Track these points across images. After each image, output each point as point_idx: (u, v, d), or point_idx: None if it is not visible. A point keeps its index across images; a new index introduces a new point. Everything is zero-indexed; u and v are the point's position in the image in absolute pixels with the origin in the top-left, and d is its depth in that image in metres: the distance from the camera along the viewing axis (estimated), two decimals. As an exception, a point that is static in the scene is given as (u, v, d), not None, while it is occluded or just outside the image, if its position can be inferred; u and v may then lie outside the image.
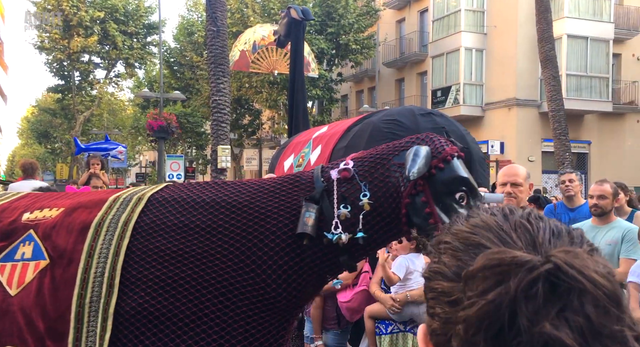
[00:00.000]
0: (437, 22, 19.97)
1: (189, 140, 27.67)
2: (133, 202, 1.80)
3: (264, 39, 15.76)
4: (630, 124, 18.70)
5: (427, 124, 4.37)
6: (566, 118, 12.97)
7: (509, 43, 17.82)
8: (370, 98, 24.59)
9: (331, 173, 1.78)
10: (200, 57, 22.97)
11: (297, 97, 7.33)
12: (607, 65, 17.93)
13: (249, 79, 20.99)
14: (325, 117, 21.44)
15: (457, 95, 18.72)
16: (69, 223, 1.77)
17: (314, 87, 19.85)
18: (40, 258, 1.72)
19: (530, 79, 17.65)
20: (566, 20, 17.17)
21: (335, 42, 20.75)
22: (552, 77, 12.64)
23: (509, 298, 0.42)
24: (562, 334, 0.40)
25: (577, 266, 0.42)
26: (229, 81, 11.19)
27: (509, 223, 0.50)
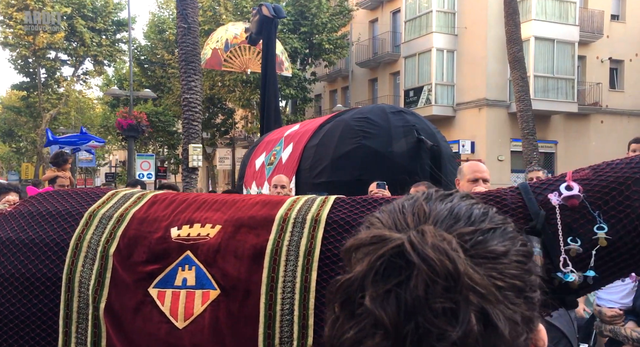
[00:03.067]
0: (409, 23, 20.18)
1: (160, 140, 27.21)
2: (309, 225, 1.55)
3: (236, 37, 15.62)
4: (594, 125, 19.29)
5: (398, 122, 4.40)
6: (534, 118, 13.28)
7: (479, 44, 18.15)
8: (343, 98, 24.67)
9: (550, 197, 1.51)
10: (171, 55, 22.62)
11: (268, 96, 7.29)
12: (573, 67, 18.45)
13: (221, 78, 20.78)
14: (299, 117, 21.40)
15: (429, 95, 18.96)
16: (236, 247, 1.52)
17: (287, 86, 19.79)
18: (208, 287, 1.49)
19: (499, 80, 18.01)
20: (533, 23, 17.59)
21: (308, 41, 20.74)
22: (521, 78, 12.92)
23: (361, 274, 0.44)
24: (381, 312, 0.41)
25: (416, 243, 0.43)
26: (201, 79, 11.04)
27: (412, 206, 0.50)
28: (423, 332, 0.40)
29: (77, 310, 1.57)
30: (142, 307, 1.51)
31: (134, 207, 1.71)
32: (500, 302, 0.42)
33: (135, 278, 1.55)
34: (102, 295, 1.55)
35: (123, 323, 1.53)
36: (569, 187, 1.48)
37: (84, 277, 1.58)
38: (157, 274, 1.53)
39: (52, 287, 1.60)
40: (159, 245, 1.57)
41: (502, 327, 0.41)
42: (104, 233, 1.64)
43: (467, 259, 0.43)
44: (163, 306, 1.49)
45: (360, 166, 4.22)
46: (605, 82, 19.54)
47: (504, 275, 0.44)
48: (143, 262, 1.56)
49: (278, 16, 7.45)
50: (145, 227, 1.62)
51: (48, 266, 1.62)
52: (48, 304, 1.59)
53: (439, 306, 0.41)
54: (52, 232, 1.67)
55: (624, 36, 19.50)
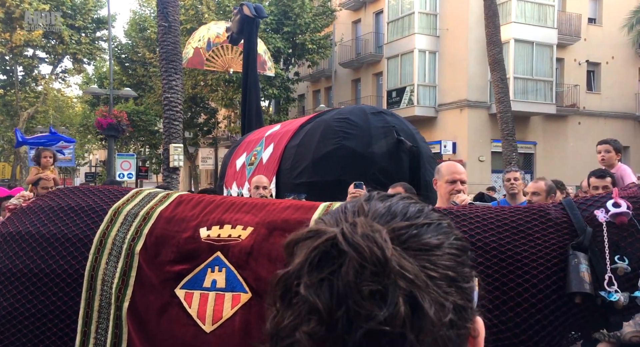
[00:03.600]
0: (391, 24, 20.30)
1: (141, 139, 26.90)
2: None
3: (218, 36, 15.53)
4: (572, 126, 19.65)
5: (378, 123, 4.44)
6: (513, 119, 13.48)
7: (460, 46, 18.34)
8: (327, 98, 24.70)
9: (597, 214, 1.46)
10: (153, 54, 22.38)
11: (250, 95, 7.27)
12: (551, 69, 18.76)
13: (204, 77, 20.62)
14: (282, 117, 21.35)
15: (411, 96, 19.09)
16: (269, 250, 1.46)
17: (270, 86, 19.74)
18: (239, 290, 1.43)
19: (480, 81, 18.22)
20: (513, 25, 17.84)
21: (291, 41, 20.71)
22: (500, 79, 13.11)
23: (298, 266, 0.46)
24: (315, 298, 0.44)
25: (347, 234, 0.46)
26: (182, 78, 10.95)
27: (354, 206, 0.53)
28: (353, 315, 0.43)
29: (98, 309, 1.50)
30: (168, 309, 1.46)
31: (159, 206, 1.65)
32: (430, 287, 0.45)
33: (162, 278, 1.49)
34: (125, 294, 1.49)
35: (147, 324, 1.47)
36: (617, 204, 1.44)
37: (107, 275, 1.51)
38: (185, 274, 1.48)
39: (73, 284, 1.52)
40: (188, 245, 1.51)
41: (428, 309, 0.44)
42: (130, 231, 1.58)
43: (402, 251, 0.46)
44: (190, 307, 1.43)
45: (340, 167, 4.24)
46: (582, 84, 19.92)
47: (437, 266, 0.47)
48: (171, 261, 1.51)
49: (259, 16, 7.43)
50: (172, 226, 1.57)
51: (69, 262, 1.55)
52: (67, 302, 1.51)
53: (366, 289, 0.43)
54: (74, 227, 1.61)
55: (600, 39, 19.90)
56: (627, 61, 20.49)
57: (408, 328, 0.43)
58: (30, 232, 1.61)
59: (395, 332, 0.42)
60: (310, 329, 0.43)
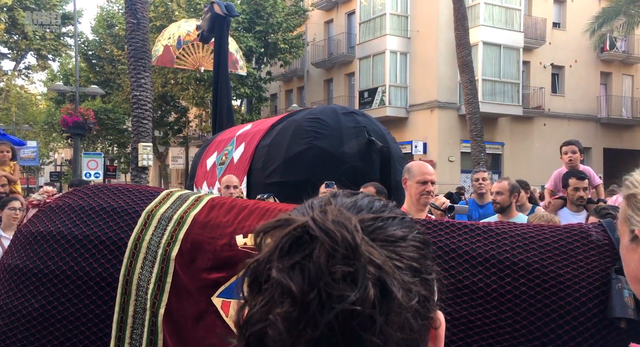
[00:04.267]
0: (363, 25, 20.44)
1: (109, 138, 26.31)
2: None
3: (189, 34, 15.34)
4: (538, 128, 20.20)
5: (349, 123, 4.46)
6: (482, 120, 13.77)
7: (430, 47, 18.62)
8: (299, 98, 24.69)
9: None
10: (121, 51, 21.90)
11: (221, 94, 7.20)
12: (518, 71, 19.25)
13: (174, 75, 20.32)
14: (254, 116, 21.23)
15: (383, 96, 19.27)
16: None
17: (242, 85, 19.60)
18: None
19: (450, 83, 18.54)
20: (481, 28, 18.22)
21: (263, 40, 20.61)
22: (469, 81, 13.36)
23: (268, 253, 0.48)
24: (289, 281, 0.45)
25: (318, 220, 0.48)
26: (151, 76, 10.76)
27: (320, 201, 0.54)
28: (325, 297, 0.44)
29: (132, 314, 1.46)
30: (204, 317, 1.43)
31: (193, 209, 1.61)
32: (396, 274, 0.47)
33: (199, 285, 1.46)
34: (161, 300, 1.45)
35: (182, 332, 1.43)
36: None
37: (142, 280, 1.47)
38: (222, 282, 1.45)
39: (107, 288, 1.48)
40: (225, 252, 1.48)
41: (396, 292, 0.46)
42: (165, 235, 1.54)
43: (369, 240, 0.48)
44: (227, 316, 1.41)
45: (311, 167, 4.25)
46: (547, 87, 20.51)
47: (402, 257, 0.49)
48: (207, 269, 1.47)
49: (230, 14, 7.37)
50: (208, 232, 1.53)
51: (103, 265, 1.50)
52: (101, 306, 1.47)
53: (338, 271, 0.45)
54: (107, 229, 1.56)
55: (564, 43, 20.53)
56: (589, 65, 21.20)
57: (377, 310, 0.44)
58: (61, 233, 1.56)
59: (365, 313, 0.44)
60: (284, 311, 0.44)
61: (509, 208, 3.56)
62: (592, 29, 16.69)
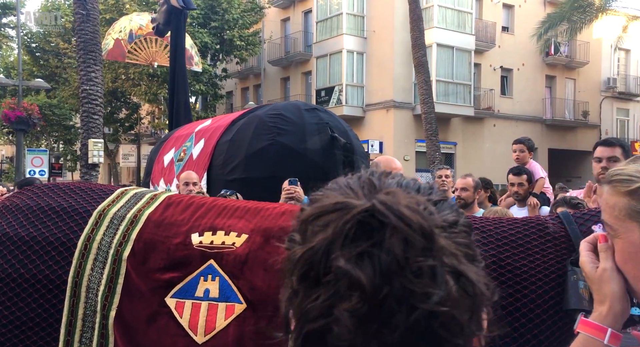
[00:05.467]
0: (320, 24, 20.49)
1: (55, 134, 25.12)
2: None
3: (141, 28, 14.88)
4: (488, 128, 20.92)
5: (312, 119, 4.44)
6: (436, 120, 14.10)
7: (386, 48, 18.89)
8: (255, 95, 24.45)
9: (594, 229, 1.42)
10: (67, 44, 20.95)
11: (178, 90, 7.00)
12: (470, 73, 19.86)
13: (125, 70, 19.65)
14: (209, 113, 20.84)
15: (339, 95, 19.39)
16: (265, 260, 1.37)
17: (197, 82, 19.19)
18: (234, 300, 1.35)
19: (405, 83, 18.89)
20: (435, 30, 18.66)
21: (219, 37, 20.27)
22: (425, 82, 13.65)
23: (327, 241, 0.42)
24: (358, 272, 0.40)
25: (389, 203, 0.42)
26: (102, 70, 10.34)
27: (359, 181, 0.49)
28: (402, 294, 0.39)
29: (82, 317, 1.40)
30: (157, 318, 1.38)
31: (147, 208, 1.55)
32: (468, 264, 0.42)
33: (152, 286, 1.41)
34: (112, 302, 1.40)
35: (134, 334, 1.38)
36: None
37: (92, 281, 1.42)
38: (176, 282, 1.40)
39: (55, 291, 1.42)
40: (179, 251, 1.43)
41: (477, 284, 0.41)
42: (117, 235, 1.48)
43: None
44: (181, 317, 1.35)
45: (274, 163, 4.19)
46: (497, 89, 21.27)
47: (458, 243, 0.44)
48: (160, 269, 1.42)
49: (187, 7, 7.18)
50: (162, 231, 1.47)
51: (51, 267, 1.44)
52: (49, 310, 1.41)
53: (418, 265, 0.40)
54: (56, 230, 1.49)
55: (513, 47, 21.36)
56: (535, 68, 22.16)
57: (459, 307, 0.40)
58: (7, 234, 1.48)
59: (449, 313, 0.39)
60: (352, 306, 0.39)
61: (471, 204, 3.65)
62: (538, 34, 17.43)
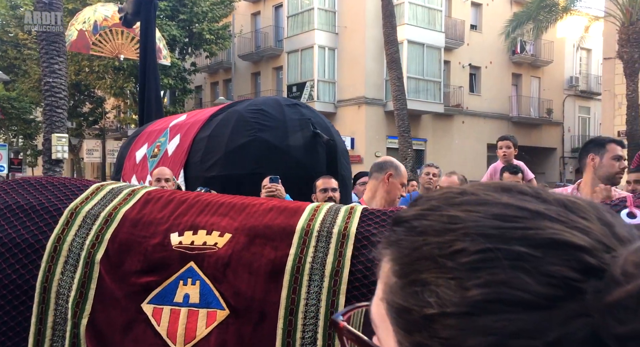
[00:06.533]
0: (291, 19, 20.31)
1: (14, 129, 24.08)
2: (335, 240, 1.30)
3: (106, 19, 14.37)
4: (457, 125, 21.24)
5: (294, 115, 4.33)
6: (408, 117, 14.18)
7: (357, 44, 18.89)
8: (225, 90, 24.07)
9: None
10: (27, 35, 20.05)
11: (149, 83, 6.75)
12: (440, 70, 20.09)
13: (89, 63, 18.97)
14: (178, 108, 20.38)
15: (311, 91, 19.28)
16: (250, 261, 1.27)
17: (165, 76, 18.69)
18: (215, 306, 1.25)
19: (376, 79, 18.94)
20: (406, 27, 18.77)
21: (188, 30, 19.82)
22: (397, 78, 13.69)
23: None
24: None
25: None
26: (66, 62, 9.91)
27: (589, 214, 0.37)
28: None
29: (52, 326, 1.30)
30: (133, 326, 1.28)
31: (124, 205, 1.43)
32: None
33: (127, 291, 1.31)
34: (84, 309, 1.30)
35: (108, 344, 1.29)
36: (632, 215, 1.33)
37: (62, 286, 1.31)
38: (153, 287, 1.29)
39: (23, 297, 1.32)
40: (157, 253, 1.32)
41: None
42: (89, 235, 1.37)
43: None
44: (159, 325, 1.26)
45: (255, 160, 4.07)
46: (466, 86, 21.61)
47: None
48: (137, 272, 1.31)
49: (159, -2, 6.94)
50: (139, 230, 1.36)
51: (18, 271, 1.33)
52: (16, 318, 1.31)
53: None
54: (24, 230, 1.37)
55: (481, 45, 21.73)
56: (503, 66, 22.63)
57: None
58: None
59: None
60: None
61: None
62: (506, 32, 17.75)
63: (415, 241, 0.39)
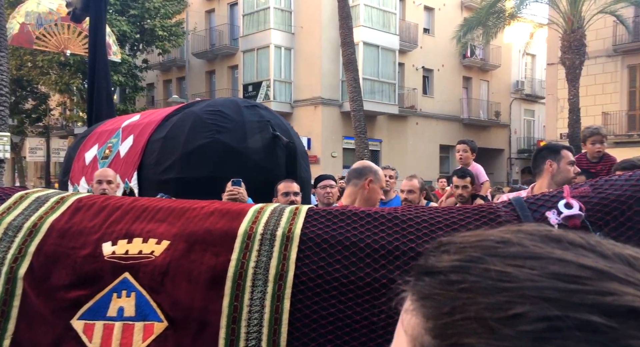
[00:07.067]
0: (247, 17, 20.08)
1: (-53, 127, 22.54)
2: (279, 242, 1.25)
3: (51, 13, 13.72)
4: (411, 126, 21.68)
5: (253, 117, 4.26)
6: (365, 118, 14.33)
7: (314, 44, 18.91)
8: (179, 88, 23.50)
9: (548, 216, 1.35)
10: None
11: (99, 81, 6.47)
12: (394, 72, 20.43)
13: (32, 58, 18.04)
14: (128, 106, 19.72)
15: (267, 91, 19.14)
16: (189, 269, 1.21)
17: (115, 72, 18.03)
18: (153, 319, 1.19)
19: (333, 80, 19.03)
20: (362, 29, 18.97)
21: (139, 25, 19.21)
22: (354, 79, 13.80)
23: None
24: None
25: None
26: (7, 57, 9.36)
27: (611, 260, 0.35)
28: None
29: None
30: (61, 344, 1.20)
31: (51, 214, 1.34)
32: None
33: (54, 307, 1.22)
34: (6, 329, 1.21)
35: None
36: (569, 205, 1.36)
37: None
38: (83, 301, 1.22)
39: None
40: (87, 265, 1.25)
41: None
42: (11, 248, 1.28)
43: None
44: (91, 342, 1.18)
45: (213, 162, 3.97)
46: (419, 88, 22.09)
47: None
48: (65, 286, 1.24)
49: (110, -8, 6.67)
50: (67, 241, 1.28)
51: None
52: None
53: None
54: None
55: (433, 48, 22.27)
56: (454, 69, 23.29)
57: None
58: None
59: None
60: None
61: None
62: (457, 37, 18.27)
63: (456, 297, 0.34)
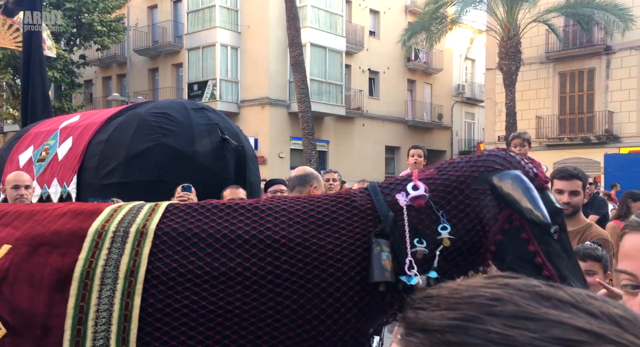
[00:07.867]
0: (192, 15, 19.64)
1: None
2: (132, 238, 1.22)
3: (-22, 2, 12.80)
4: (358, 127, 21.99)
5: (201, 120, 4.17)
6: (313, 119, 14.39)
7: (261, 44, 18.78)
8: (120, 86, 22.61)
9: (398, 198, 1.42)
10: None
11: (34, 78, 6.11)
12: (341, 74, 20.65)
13: (-44, 51, 16.76)
14: (64, 103, 18.77)
15: (213, 90, 18.80)
16: (32, 273, 1.18)
17: (50, 68, 17.08)
18: None
19: (280, 81, 18.98)
20: (309, 30, 19.04)
21: (76, 19, 18.32)
22: (301, 80, 13.83)
23: None
24: None
25: None
26: None
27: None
28: None
29: None
30: None
31: None
32: None
33: None
34: None
35: None
36: (416, 187, 1.45)
37: None
38: None
39: None
40: None
41: None
42: None
43: None
44: None
45: (159, 166, 3.85)
46: (365, 90, 22.45)
47: None
48: None
49: (45, -15, 6.31)
50: None
51: None
52: None
53: None
54: None
55: (379, 50, 22.70)
56: (399, 72, 23.85)
57: None
58: None
59: None
60: None
61: None
62: (403, 40, 18.73)
63: None
